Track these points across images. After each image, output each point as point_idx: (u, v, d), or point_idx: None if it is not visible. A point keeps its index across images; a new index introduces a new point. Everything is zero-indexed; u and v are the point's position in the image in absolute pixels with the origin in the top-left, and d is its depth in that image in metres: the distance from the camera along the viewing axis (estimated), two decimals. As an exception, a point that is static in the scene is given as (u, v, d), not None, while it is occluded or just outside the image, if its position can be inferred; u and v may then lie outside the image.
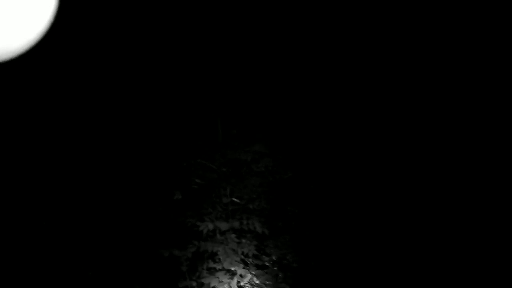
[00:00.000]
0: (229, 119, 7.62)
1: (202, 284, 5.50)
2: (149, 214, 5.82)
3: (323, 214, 6.86)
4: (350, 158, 7.04)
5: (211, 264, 5.65)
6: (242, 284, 5.71)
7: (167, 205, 5.93)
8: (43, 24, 1.58)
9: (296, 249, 6.62)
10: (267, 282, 5.89)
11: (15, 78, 5.14)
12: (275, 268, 6.14)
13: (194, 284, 5.52)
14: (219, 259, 5.68)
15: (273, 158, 6.99)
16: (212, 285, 5.48)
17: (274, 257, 6.16)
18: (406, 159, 6.65)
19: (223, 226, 5.73)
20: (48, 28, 1.60)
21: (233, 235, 5.76)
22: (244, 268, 5.67)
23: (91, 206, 5.58)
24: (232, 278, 5.58)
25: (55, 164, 5.68)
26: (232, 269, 5.67)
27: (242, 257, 5.70)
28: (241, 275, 5.65)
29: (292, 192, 6.95)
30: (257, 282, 5.90)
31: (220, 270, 5.63)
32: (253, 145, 7.01)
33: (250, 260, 5.75)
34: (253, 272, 5.89)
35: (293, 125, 7.34)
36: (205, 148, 6.87)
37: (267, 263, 6.17)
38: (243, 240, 5.82)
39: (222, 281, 5.49)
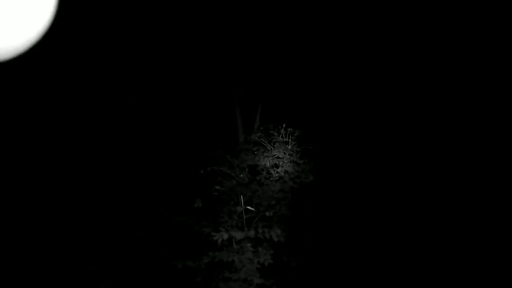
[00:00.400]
0: (248, 124, 7.55)
1: (218, 295, 5.43)
2: (162, 223, 5.79)
3: (346, 218, 6.69)
4: (372, 160, 6.85)
5: (227, 274, 5.57)
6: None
7: (181, 213, 5.89)
8: (43, 24, 1.59)
9: (317, 255, 6.48)
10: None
11: (15, 77, 5.13)
12: (295, 275, 6.03)
13: (210, 295, 5.46)
14: (235, 269, 5.60)
15: (293, 163, 6.87)
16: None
17: (293, 264, 6.05)
18: (430, 165, 6.43)
19: (238, 235, 5.64)
20: (48, 28, 1.61)
21: (249, 244, 5.66)
22: (260, 277, 5.56)
23: (100, 216, 5.60)
24: (248, 288, 5.50)
25: (66, 171, 5.72)
26: (249, 278, 5.57)
27: (259, 266, 5.60)
28: (258, 285, 5.56)
29: (313, 197, 6.81)
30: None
31: (236, 280, 5.55)
32: (272, 150, 6.91)
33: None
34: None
35: (313, 128, 7.19)
36: (224, 155, 6.81)
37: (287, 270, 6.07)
38: (260, 249, 5.71)
39: (238, 292, 5.41)
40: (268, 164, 6.77)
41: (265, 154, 6.86)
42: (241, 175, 6.66)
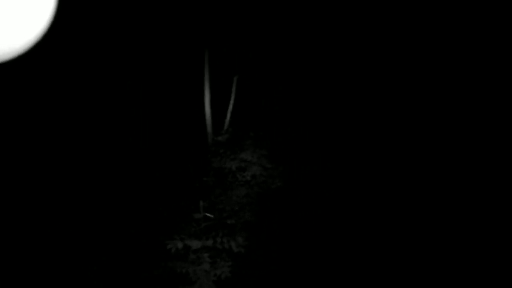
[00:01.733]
0: (217, 124, 7.16)
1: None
2: (115, 229, 5.40)
3: (314, 227, 6.34)
4: (343, 165, 6.50)
5: (180, 287, 5.17)
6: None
7: (135, 219, 5.50)
8: (43, 25, 1.58)
9: (282, 264, 6.12)
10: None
11: (15, 78, 4.92)
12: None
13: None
14: (190, 281, 5.20)
15: (261, 167, 6.50)
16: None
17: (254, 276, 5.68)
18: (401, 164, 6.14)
19: (195, 244, 5.24)
20: (48, 29, 1.59)
21: (206, 255, 5.27)
22: (217, 291, 5.17)
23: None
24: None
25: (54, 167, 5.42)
26: (204, 292, 5.18)
27: (215, 279, 5.20)
28: (213, 299, 5.16)
29: (280, 203, 6.45)
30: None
31: (190, 293, 5.16)
32: (240, 152, 6.53)
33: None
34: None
35: (285, 131, 6.83)
36: (188, 156, 6.45)
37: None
38: (218, 260, 5.32)
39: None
40: (233, 168, 6.39)
41: (232, 157, 6.48)
42: (204, 178, 6.30)
